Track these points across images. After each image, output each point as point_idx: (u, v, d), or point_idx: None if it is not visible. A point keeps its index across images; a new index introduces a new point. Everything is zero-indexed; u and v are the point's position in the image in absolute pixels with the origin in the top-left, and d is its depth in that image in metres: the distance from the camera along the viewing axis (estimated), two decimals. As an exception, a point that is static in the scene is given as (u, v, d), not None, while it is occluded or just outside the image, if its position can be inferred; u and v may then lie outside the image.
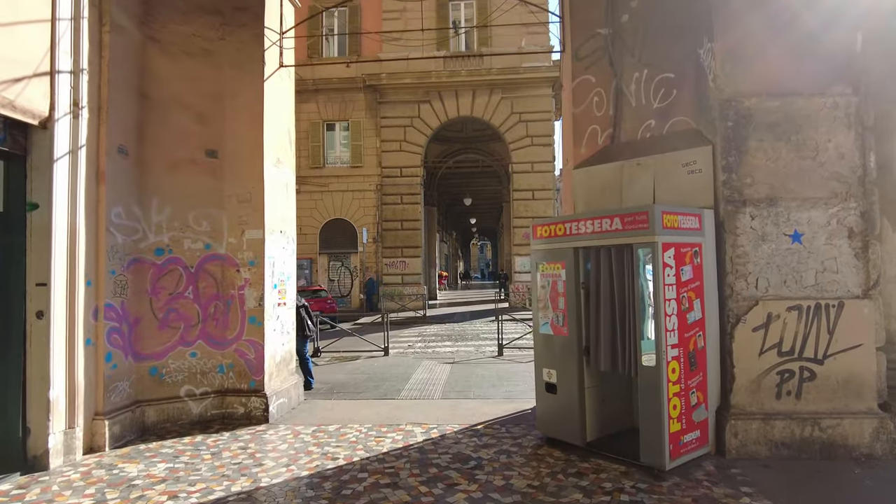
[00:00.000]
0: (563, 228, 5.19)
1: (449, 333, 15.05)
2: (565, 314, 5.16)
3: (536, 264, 5.47)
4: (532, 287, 5.54)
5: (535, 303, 5.49)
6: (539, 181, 22.33)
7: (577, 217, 5.08)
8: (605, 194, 5.90)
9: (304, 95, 23.22)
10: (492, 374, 9.02)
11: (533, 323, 5.56)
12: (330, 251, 23.24)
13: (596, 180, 6.00)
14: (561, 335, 5.21)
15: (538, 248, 5.48)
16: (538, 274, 5.44)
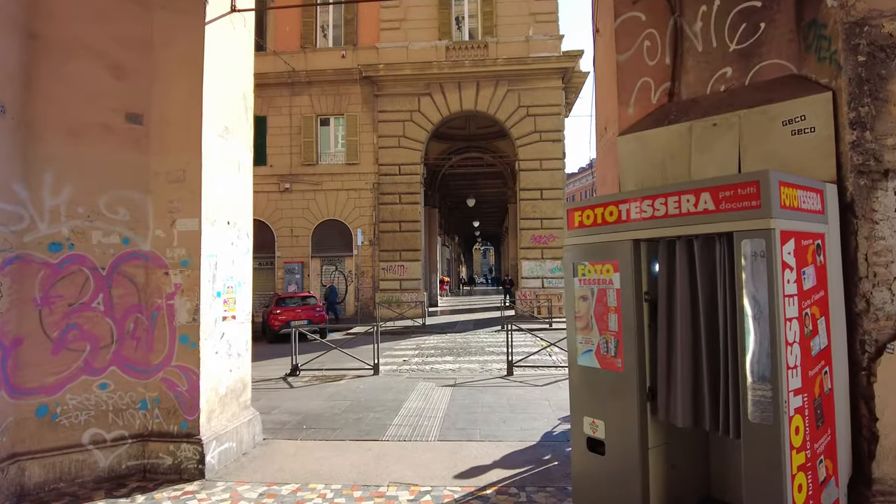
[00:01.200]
0: (616, 212, 3.55)
1: (450, 346, 13.40)
2: (619, 339, 3.52)
3: (573, 265, 3.83)
4: (566, 298, 3.90)
5: (569, 321, 3.86)
6: (548, 179, 20.71)
7: (639, 194, 3.44)
8: (664, 168, 4.26)
9: (296, 88, 21.77)
10: (501, 402, 7.36)
11: (568, 349, 3.92)
12: (323, 254, 21.64)
13: (651, 150, 4.36)
14: (612, 370, 3.56)
15: (576, 243, 3.84)
16: (576, 280, 3.80)
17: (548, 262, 20.50)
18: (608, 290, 3.57)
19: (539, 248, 20.55)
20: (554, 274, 20.44)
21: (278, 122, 21.86)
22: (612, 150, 4.75)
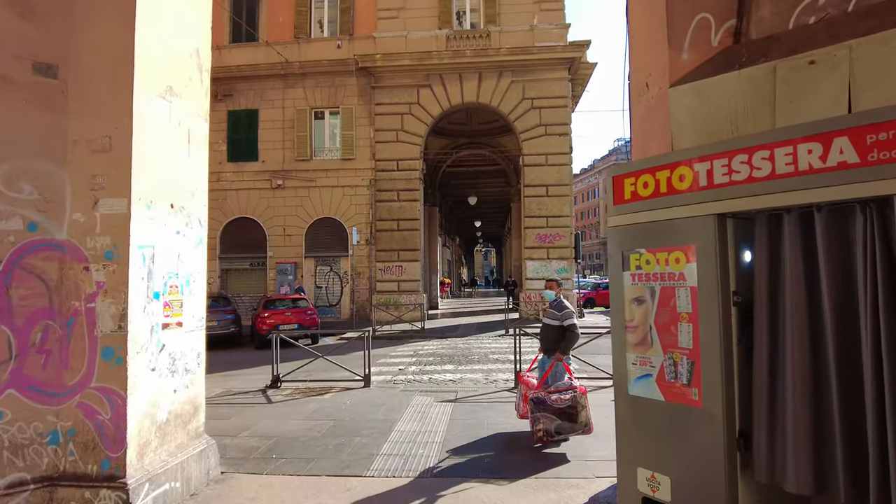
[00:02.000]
0: (689, 175, 2.49)
1: (451, 352, 12.32)
2: (695, 360, 2.45)
3: (623, 255, 2.76)
4: (612, 300, 2.83)
5: (616, 333, 2.80)
6: (554, 175, 19.64)
7: (727, 147, 2.37)
8: (735, 124, 3.19)
9: (289, 80, 20.75)
10: (510, 421, 6.29)
11: (614, 371, 2.85)
12: (317, 254, 20.58)
13: (716, 103, 3.29)
14: (683, 404, 2.49)
15: (626, 223, 2.77)
16: (626, 275, 2.73)
17: (554, 262, 19.41)
18: (678, 288, 2.49)
19: (545, 247, 19.47)
20: (560, 275, 19.33)
21: (270, 115, 20.83)
22: (659, 108, 3.68)
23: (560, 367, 5.70)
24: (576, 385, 5.47)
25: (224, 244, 20.93)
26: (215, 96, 21.04)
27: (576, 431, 5.29)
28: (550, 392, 5.33)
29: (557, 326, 5.75)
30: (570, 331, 5.67)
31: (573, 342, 5.74)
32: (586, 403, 5.36)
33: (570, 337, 5.67)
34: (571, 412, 5.23)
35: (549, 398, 5.26)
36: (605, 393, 7.52)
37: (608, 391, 7.60)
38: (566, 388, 5.39)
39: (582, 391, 5.40)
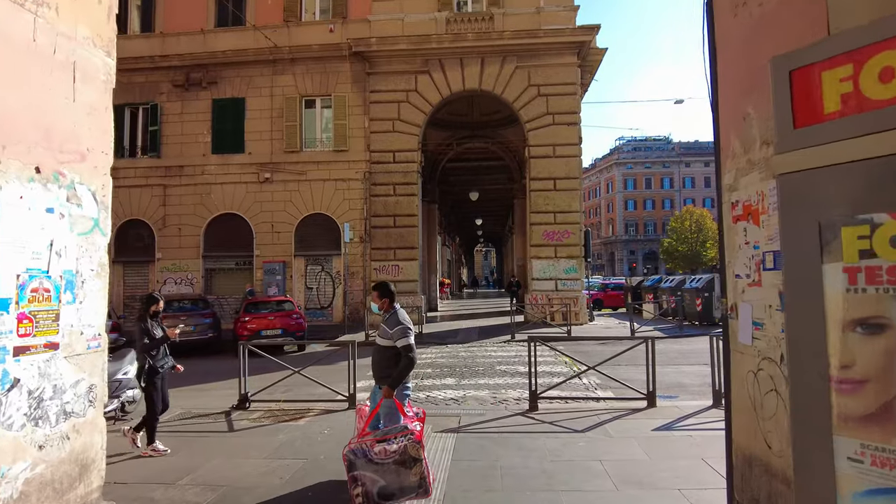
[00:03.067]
0: None
1: (452, 362, 10.92)
2: None
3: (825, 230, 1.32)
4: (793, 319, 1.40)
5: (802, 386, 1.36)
6: (562, 168, 18.25)
7: None
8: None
9: (278, 66, 19.37)
10: (530, 464, 4.89)
11: (796, 468, 1.41)
12: (307, 253, 19.19)
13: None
14: None
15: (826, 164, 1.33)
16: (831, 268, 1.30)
17: (562, 261, 18.02)
18: None
19: (552, 245, 18.08)
20: (569, 275, 17.97)
21: (258, 104, 19.44)
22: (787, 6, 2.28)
23: (391, 404, 4.19)
24: (413, 428, 3.99)
25: (208, 242, 19.53)
26: (199, 84, 19.71)
27: (407, 496, 3.83)
28: (377, 440, 3.89)
29: (390, 347, 4.28)
30: (405, 354, 4.17)
31: (408, 370, 4.20)
32: (422, 454, 3.88)
33: (404, 363, 4.17)
34: (400, 468, 3.81)
35: (372, 450, 3.84)
36: (637, 420, 6.13)
37: (642, 418, 6.21)
38: (398, 433, 3.92)
39: (418, 437, 3.91)
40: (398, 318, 4.32)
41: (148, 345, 5.58)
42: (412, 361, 4.17)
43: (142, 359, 5.66)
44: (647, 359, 6.87)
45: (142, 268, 20.00)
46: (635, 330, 14.64)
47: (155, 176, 19.67)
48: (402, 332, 4.21)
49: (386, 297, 4.49)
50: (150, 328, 5.67)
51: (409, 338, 4.21)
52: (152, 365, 5.62)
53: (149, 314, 5.75)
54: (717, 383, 6.86)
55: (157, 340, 5.65)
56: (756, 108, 2.59)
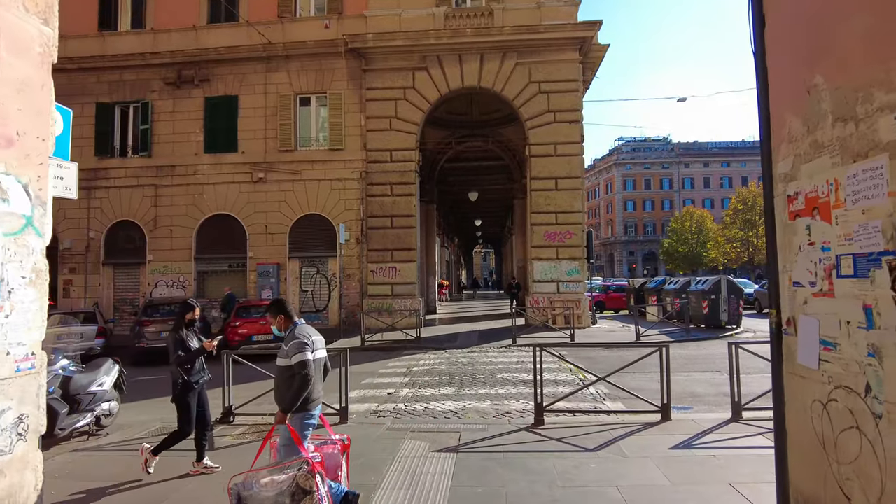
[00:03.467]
0: None
1: (451, 369, 10.41)
2: None
3: None
4: None
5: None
6: (564, 167, 17.76)
7: None
8: None
9: (272, 63, 18.88)
10: (538, 489, 4.39)
11: None
12: (302, 255, 18.67)
13: None
14: None
15: None
16: None
17: (564, 262, 17.53)
18: None
19: (554, 246, 17.58)
20: (571, 277, 17.48)
21: (251, 102, 18.93)
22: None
23: (284, 432, 3.70)
24: (310, 457, 3.51)
25: (200, 244, 19.01)
26: (191, 81, 19.20)
27: None
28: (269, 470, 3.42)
29: (289, 367, 3.77)
30: (298, 372, 3.65)
31: (302, 390, 3.64)
32: (315, 486, 3.39)
33: (297, 382, 3.63)
34: (289, 501, 3.32)
35: (259, 482, 3.37)
36: (652, 436, 5.63)
37: (657, 433, 5.70)
38: (292, 462, 3.44)
39: (313, 468, 3.44)
40: (295, 333, 3.82)
41: (183, 357, 5.00)
42: (306, 380, 3.61)
43: (176, 372, 5.05)
44: (662, 368, 6.38)
45: (132, 270, 19.48)
46: (640, 334, 14.14)
47: (146, 176, 19.15)
48: (297, 348, 3.70)
49: (281, 313, 3.97)
50: (186, 339, 5.10)
51: (306, 353, 3.67)
52: (187, 380, 5.05)
53: (184, 323, 5.19)
54: (737, 395, 6.36)
55: (194, 353, 5.06)
56: (828, 76, 2.10)
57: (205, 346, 5.14)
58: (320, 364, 3.89)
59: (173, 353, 5.01)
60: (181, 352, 5.01)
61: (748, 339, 14.48)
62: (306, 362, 3.64)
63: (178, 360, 5.01)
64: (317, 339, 3.87)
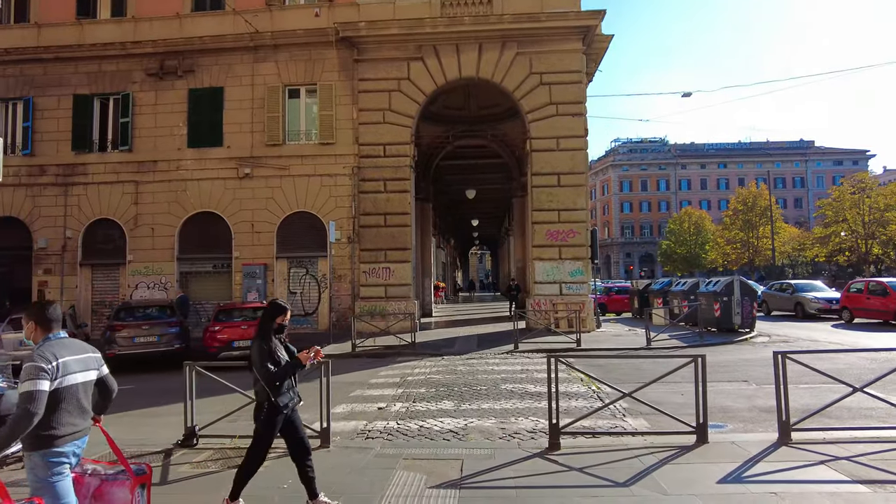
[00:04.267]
0: None
1: (449, 379, 9.47)
2: None
3: None
4: None
5: None
6: (566, 162, 16.87)
7: None
8: None
9: (260, 53, 17.96)
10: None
11: None
12: (291, 255, 17.70)
13: None
14: None
15: None
16: None
17: (567, 262, 16.62)
18: None
19: (556, 245, 16.68)
20: (575, 278, 16.57)
21: (237, 94, 17.97)
22: None
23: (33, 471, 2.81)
24: None
25: (183, 243, 18.02)
26: (174, 72, 18.23)
27: None
28: None
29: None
30: (20, 405, 2.68)
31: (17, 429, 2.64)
32: None
33: (14, 417, 2.68)
34: None
35: None
36: (692, 465, 4.69)
37: (696, 461, 4.75)
38: None
39: None
40: (38, 351, 2.81)
41: (274, 374, 3.86)
42: (25, 417, 2.63)
43: (262, 392, 3.92)
44: (697, 382, 5.46)
45: (112, 271, 18.47)
46: (651, 339, 13.24)
47: (126, 172, 18.16)
48: (29, 373, 2.72)
49: (33, 319, 2.96)
50: (274, 349, 3.98)
51: (38, 382, 2.69)
52: (275, 403, 3.89)
53: (273, 329, 4.06)
54: (784, 413, 5.45)
55: (286, 367, 3.93)
56: None
57: (300, 360, 3.95)
58: (81, 389, 2.92)
59: (260, 367, 3.87)
60: (270, 365, 3.89)
61: (765, 342, 13.63)
62: (34, 395, 2.65)
63: (268, 377, 3.84)
64: (73, 361, 2.88)
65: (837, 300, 19.22)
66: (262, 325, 4.08)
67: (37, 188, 18.24)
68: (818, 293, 20.65)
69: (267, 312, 4.13)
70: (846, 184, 40.03)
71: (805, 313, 19.97)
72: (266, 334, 4.01)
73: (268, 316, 4.11)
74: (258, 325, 4.13)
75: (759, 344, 13.40)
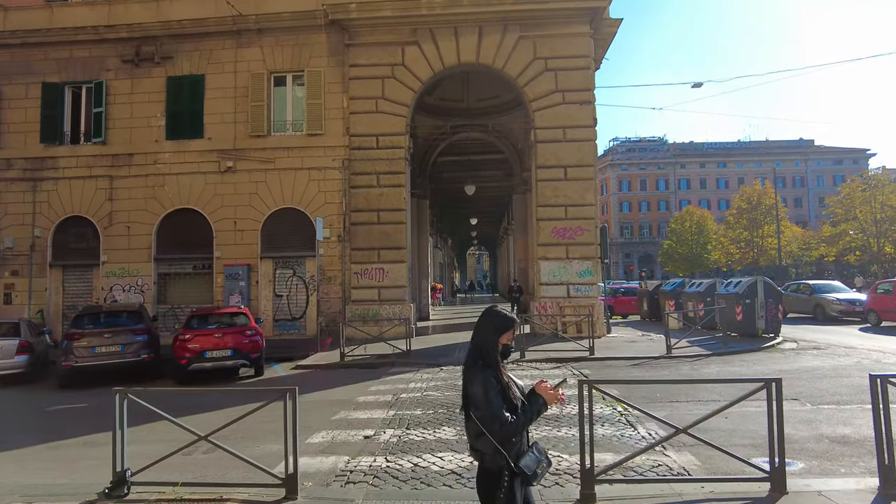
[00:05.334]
0: None
1: (449, 397, 8.19)
2: None
3: None
4: None
5: None
6: (574, 154, 15.64)
7: None
8: None
9: (243, 38, 16.70)
10: None
11: None
12: (276, 255, 16.41)
13: None
14: None
15: None
16: None
17: (575, 262, 15.39)
18: None
19: (563, 244, 15.44)
20: (583, 279, 15.34)
21: (219, 81, 16.68)
22: None
23: None
24: None
25: (161, 243, 16.70)
26: (151, 59, 16.91)
27: None
28: None
29: None
30: None
31: None
32: None
33: None
34: None
35: None
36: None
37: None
38: None
39: None
40: None
41: (514, 425, 2.40)
42: None
43: (493, 454, 2.40)
44: (772, 415, 4.21)
45: (84, 273, 17.14)
46: (671, 346, 12.00)
47: (100, 166, 16.84)
48: None
49: None
50: (508, 384, 2.52)
51: None
52: (515, 467, 2.38)
53: (497, 350, 2.56)
54: (887, 455, 4.20)
55: (528, 413, 2.47)
56: None
57: (547, 399, 2.50)
58: None
59: (488, 412, 2.40)
60: (507, 412, 2.41)
61: (794, 349, 12.42)
62: None
63: (506, 429, 2.38)
64: None
65: (861, 302, 18.05)
66: (481, 345, 2.56)
67: (3, 183, 16.90)
68: (839, 294, 19.47)
69: (487, 324, 2.62)
70: (856, 180, 38.97)
71: (826, 316, 18.79)
72: (491, 359, 2.52)
73: (490, 329, 2.58)
74: (474, 345, 2.60)
75: (788, 351, 12.19)
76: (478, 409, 2.42)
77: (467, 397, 2.52)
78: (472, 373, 2.49)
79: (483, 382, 2.43)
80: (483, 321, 2.63)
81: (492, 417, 2.37)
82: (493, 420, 2.37)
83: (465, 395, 2.54)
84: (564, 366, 10.71)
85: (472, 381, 2.48)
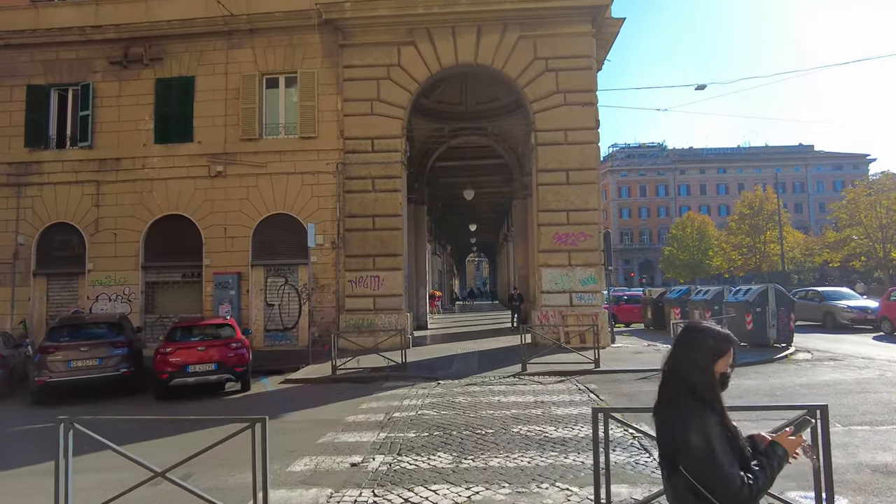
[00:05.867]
0: None
1: (446, 417, 7.58)
2: None
3: None
4: None
5: None
6: (576, 157, 15.10)
7: None
8: None
9: (234, 38, 16.21)
10: None
11: None
12: (268, 262, 15.83)
13: None
14: None
15: None
16: None
17: (578, 269, 14.80)
18: None
19: (565, 250, 14.87)
20: (587, 287, 14.75)
21: (210, 83, 16.16)
22: None
23: None
24: None
25: (149, 250, 16.12)
26: (140, 60, 16.40)
27: None
28: None
29: None
30: None
31: None
32: None
33: None
34: None
35: None
36: None
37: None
38: None
39: None
40: None
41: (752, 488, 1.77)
42: None
43: None
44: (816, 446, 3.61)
45: (70, 281, 16.56)
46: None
47: (86, 171, 16.28)
48: None
49: None
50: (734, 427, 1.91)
51: None
52: None
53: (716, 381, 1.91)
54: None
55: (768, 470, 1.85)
56: None
57: (788, 449, 1.93)
58: None
59: (712, 466, 1.77)
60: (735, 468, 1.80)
61: (809, 360, 11.83)
62: None
63: (744, 492, 1.76)
64: None
65: (873, 309, 17.48)
66: (690, 375, 1.91)
67: (-15, 189, 16.34)
68: (850, 301, 18.90)
69: (699, 345, 1.93)
70: (860, 185, 38.47)
71: (836, 324, 18.20)
72: (710, 396, 1.89)
73: (704, 352, 1.91)
74: (677, 376, 1.95)
75: (803, 362, 11.60)
76: (698, 463, 1.79)
77: (671, 445, 1.88)
78: (681, 413, 1.86)
79: (703, 428, 1.79)
80: (689, 341, 1.95)
81: (723, 478, 1.75)
82: (724, 481, 1.74)
83: (666, 442, 1.91)
84: (569, 379, 10.10)
85: (682, 423, 1.84)
